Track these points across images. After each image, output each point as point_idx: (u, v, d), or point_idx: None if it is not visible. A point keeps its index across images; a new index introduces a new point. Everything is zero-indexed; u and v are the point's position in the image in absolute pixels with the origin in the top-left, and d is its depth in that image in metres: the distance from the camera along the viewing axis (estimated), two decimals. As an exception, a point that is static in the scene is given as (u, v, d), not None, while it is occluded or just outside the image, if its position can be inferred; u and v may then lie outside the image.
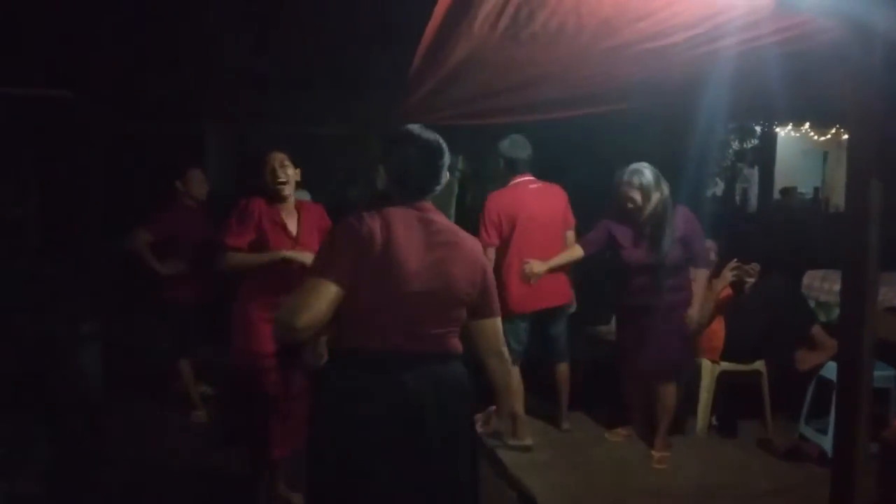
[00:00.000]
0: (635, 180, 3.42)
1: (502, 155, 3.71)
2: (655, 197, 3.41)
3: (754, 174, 10.99)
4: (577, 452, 3.65)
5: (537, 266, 3.57)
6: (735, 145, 9.65)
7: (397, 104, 3.15)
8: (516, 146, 3.70)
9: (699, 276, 3.55)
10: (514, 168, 3.71)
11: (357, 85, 5.94)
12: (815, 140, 12.84)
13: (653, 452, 3.54)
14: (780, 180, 11.80)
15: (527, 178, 3.72)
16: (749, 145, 9.79)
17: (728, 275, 3.66)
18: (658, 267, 3.44)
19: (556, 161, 4.52)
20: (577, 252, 3.68)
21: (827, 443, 3.51)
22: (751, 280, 3.69)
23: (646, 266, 3.47)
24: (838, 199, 12.40)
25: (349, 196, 6.65)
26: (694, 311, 3.52)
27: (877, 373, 3.52)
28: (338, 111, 6.29)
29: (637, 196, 3.42)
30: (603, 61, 2.98)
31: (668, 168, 3.76)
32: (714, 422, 3.89)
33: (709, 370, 3.81)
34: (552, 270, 3.62)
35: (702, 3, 2.53)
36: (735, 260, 3.70)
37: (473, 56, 2.48)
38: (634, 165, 3.47)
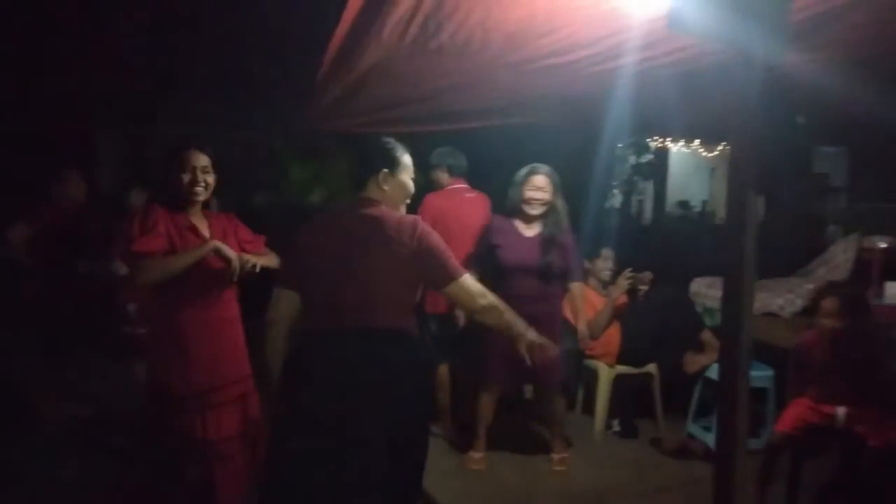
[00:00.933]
0: (546, 170, 3.44)
1: (443, 162, 3.98)
2: (559, 196, 3.47)
3: (649, 187, 11.56)
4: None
5: None
6: (632, 159, 10.12)
7: (303, 110, 3.11)
8: (455, 155, 4.00)
9: (575, 288, 3.57)
10: (452, 174, 3.98)
11: (261, 90, 5.81)
12: (704, 156, 13.66)
13: (552, 455, 3.64)
14: (673, 193, 12.50)
15: (463, 185, 3.98)
16: (644, 160, 10.28)
17: (623, 283, 3.85)
18: (543, 272, 3.39)
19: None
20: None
21: (712, 440, 3.74)
22: (644, 288, 3.89)
23: (530, 269, 3.39)
24: (724, 211, 13.24)
25: (254, 202, 6.49)
26: (583, 326, 3.58)
27: (756, 373, 3.80)
28: (241, 116, 6.13)
29: (548, 185, 3.42)
30: (508, 75, 3.06)
31: (572, 181, 3.88)
32: (617, 426, 4.06)
33: (606, 373, 3.98)
34: None
35: (599, 23, 2.66)
36: (629, 269, 3.89)
37: (381, 64, 2.49)
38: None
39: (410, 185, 2.26)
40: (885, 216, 4.79)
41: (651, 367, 4.05)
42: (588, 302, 3.97)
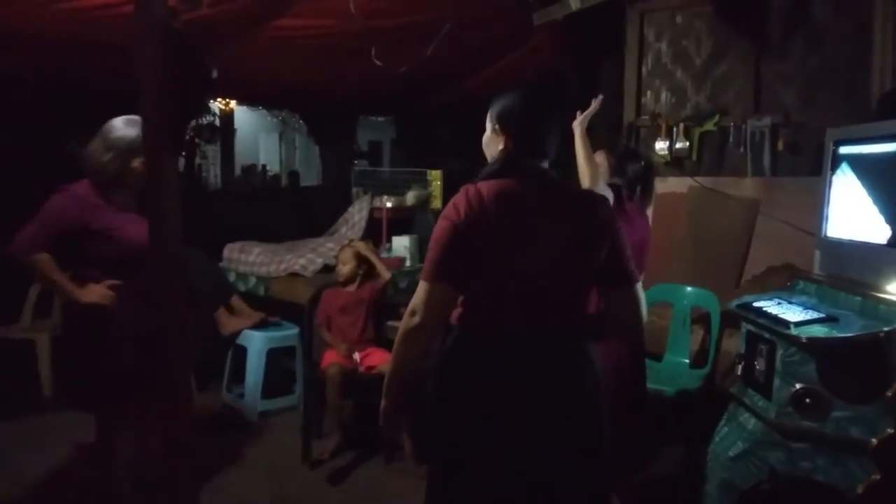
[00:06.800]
0: None
1: None
2: None
3: (216, 151, 11.15)
4: None
5: None
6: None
7: None
8: None
9: None
10: None
11: None
12: (271, 120, 13.75)
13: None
14: (243, 157, 12.36)
15: None
16: (206, 122, 9.82)
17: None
18: None
19: None
20: None
21: (245, 406, 3.77)
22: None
23: None
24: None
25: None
26: None
27: (284, 332, 3.87)
28: None
29: None
30: None
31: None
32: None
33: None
34: None
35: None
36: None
37: None
38: None
39: None
40: (412, 178, 5.35)
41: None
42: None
